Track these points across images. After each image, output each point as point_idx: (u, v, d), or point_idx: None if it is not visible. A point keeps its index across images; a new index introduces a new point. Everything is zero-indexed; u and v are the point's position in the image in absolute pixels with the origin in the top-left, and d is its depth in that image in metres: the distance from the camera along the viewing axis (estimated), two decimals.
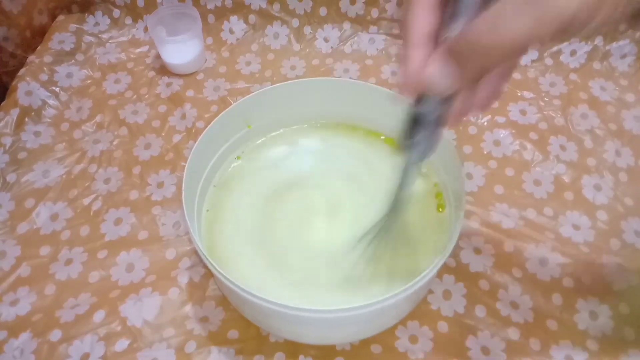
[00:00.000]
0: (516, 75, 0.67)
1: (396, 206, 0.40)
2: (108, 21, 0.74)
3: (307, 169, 0.52)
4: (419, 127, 0.33)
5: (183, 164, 0.59)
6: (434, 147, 0.34)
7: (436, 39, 0.30)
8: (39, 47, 0.71)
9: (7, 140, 0.61)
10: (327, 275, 0.45)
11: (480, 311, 0.48)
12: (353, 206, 0.49)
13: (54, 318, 0.48)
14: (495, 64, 0.28)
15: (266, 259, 0.46)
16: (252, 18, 0.73)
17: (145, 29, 0.74)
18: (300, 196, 0.50)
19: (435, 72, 0.29)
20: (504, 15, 0.25)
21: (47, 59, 0.69)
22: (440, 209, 0.49)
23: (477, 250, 0.52)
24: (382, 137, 0.55)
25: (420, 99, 0.32)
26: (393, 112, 0.51)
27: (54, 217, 0.55)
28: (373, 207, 0.49)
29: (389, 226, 0.42)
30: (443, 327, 0.47)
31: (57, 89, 0.67)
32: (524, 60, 0.68)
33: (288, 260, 0.46)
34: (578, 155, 0.59)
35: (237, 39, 0.73)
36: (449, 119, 0.33)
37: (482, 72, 0.29)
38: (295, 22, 0.72)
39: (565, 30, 0.25)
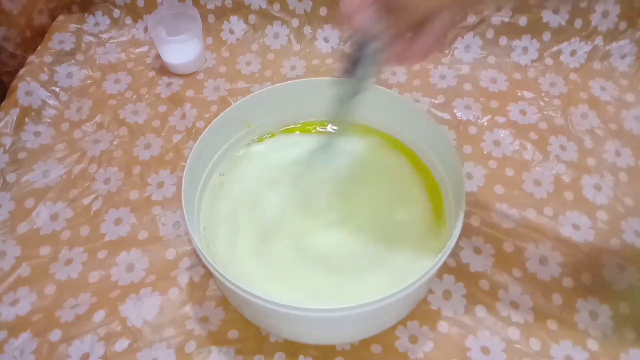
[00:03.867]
0: (516, 75, 0.67)
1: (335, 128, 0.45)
2: (108, 21, 0.74)
3: (307, 169, 0.52)
4: (358, 63, 0.37)
5: (183, 164, 0.59)
6: (369, 83, 0.39)
7: None
8: (39, 47, 0.71)
9: (7, 140, 0.61)
10: (326, 274, 0.45)
11: (480, 311, 0.48)
12: (353, 205, 0.49)
13: (54, 318, 0.48)
14: (417, 22, 0.34)
15: (265, 259, 0.46)
16: (252, 18, 0.73)
17: (145, 29, 0.74)
18: (300, 196, 0.50)
19: (368, 17, 0.34)
20: None
21: (47, 59, 0.69)
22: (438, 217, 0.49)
23: (477, 250, 0.52)
24: (384, 136, 0.55)
25: (363, 40, 0.36)
26: (393, 111, 0.52)
27: (54, 217, 0.55)
28: (372, 206, 0.49)
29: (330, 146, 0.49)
30: (443, 327, 0.47)
31: (57, 89, 0.67)
32: (524, 60, 0.69)
33: (287, 259, 0.46)
34: (578, 155, 0.59)
35: (237, 39, 0.73)
36: (388, 60, 0.37)
37: (410, 25, 0.35)
38: (295, 22, 0.72)
39: (464, 4, 0.34)
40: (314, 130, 0.56)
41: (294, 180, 0.51)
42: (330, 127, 0.55)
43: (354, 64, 0.38)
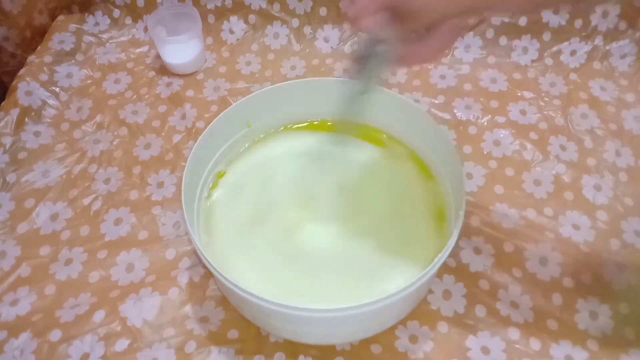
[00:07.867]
0: (516, 75, 0.67)
1: (343, 123, 0.46)
2: (108, 21, 0.74)
3: (307, 169, 0.52)
4: (366, 64, 0.38)
5: (183, 164, 0.59)
6: (377, 83, 0.40)
7: None
8: (39, 47, 0.71)
9: (7, 140, 0.61)
10: (324, 274, 0.45)
11: (480, 311, 0.48)
12: (352, 205, 0.49)
13: (54, 318, 0.48)
14: (425, 27, 0.35)
15: (265, 259, 0.46)
16: (252, 18, 0.73)
17: (145, 29, 0.74)
18: (299, 196, 0.50)
19: (376, 21, 0.35)
20: None
21: (47, 59, 0.69)
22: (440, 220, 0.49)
23: (477, 250, 0.52)
24: (384, 136, 0.55)
25: (370, 41, 0.37)
26: (392, 112, 0.52)
27: (54, 217, 0.55)
28: (370, 205, 0.49)
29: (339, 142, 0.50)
30: (443, 327, 0.47)
31: (57, 89, 0.67)
32: (524, 60, 0.69)
33: (286, 259, 0.46)
34: (578, 155, 0.59)
35: (237, 39, 0.73)
36: (395, 62, 0.38)
37: (418, 30, 0.36)
38: (295, 22, 0.72)
39: (472, 12, 0.35)
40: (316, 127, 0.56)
41: (294, 179, 0.51)
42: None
43: (361, 65, 0.38)
